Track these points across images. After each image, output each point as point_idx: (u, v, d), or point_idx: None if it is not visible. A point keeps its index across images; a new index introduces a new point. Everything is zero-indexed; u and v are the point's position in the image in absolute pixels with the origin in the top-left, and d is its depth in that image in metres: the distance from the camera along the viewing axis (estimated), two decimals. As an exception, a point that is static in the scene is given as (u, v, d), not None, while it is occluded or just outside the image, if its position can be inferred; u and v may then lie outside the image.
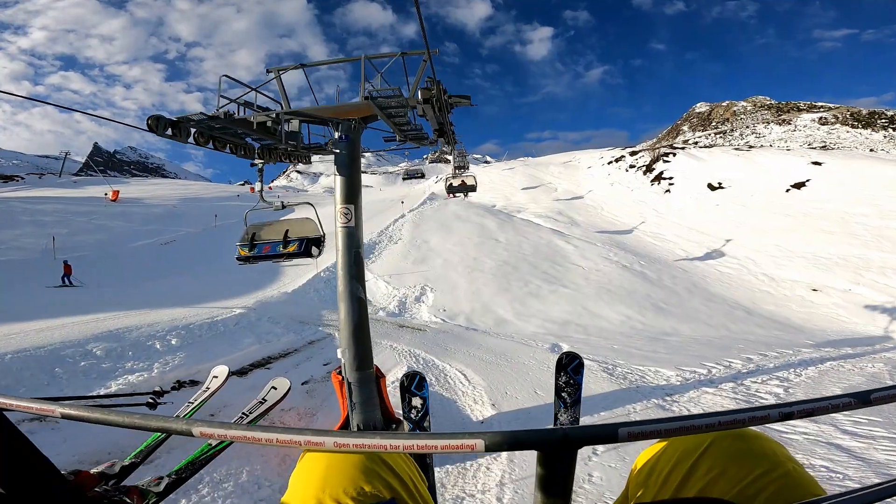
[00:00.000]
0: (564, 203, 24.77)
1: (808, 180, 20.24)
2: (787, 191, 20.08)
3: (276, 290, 12.14)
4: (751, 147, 28.15)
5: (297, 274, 13.75)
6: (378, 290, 12.37)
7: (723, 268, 16.06)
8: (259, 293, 11.74)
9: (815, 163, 21.20)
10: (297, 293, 11.50)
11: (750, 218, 18.97)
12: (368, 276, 13.14)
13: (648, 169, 26.18)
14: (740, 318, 12.23)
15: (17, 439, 0.63)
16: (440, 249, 15.28)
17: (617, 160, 29.95)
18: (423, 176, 30.89)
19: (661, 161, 25.98)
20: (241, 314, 8.90)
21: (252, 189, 51.81)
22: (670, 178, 23.89)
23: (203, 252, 18.85)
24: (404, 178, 32.05)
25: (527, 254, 15.11)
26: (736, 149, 26.48)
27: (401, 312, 11.03)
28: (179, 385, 5.65)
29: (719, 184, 21.79)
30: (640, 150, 29.97)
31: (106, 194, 28.55)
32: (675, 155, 26.05)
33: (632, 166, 27.82)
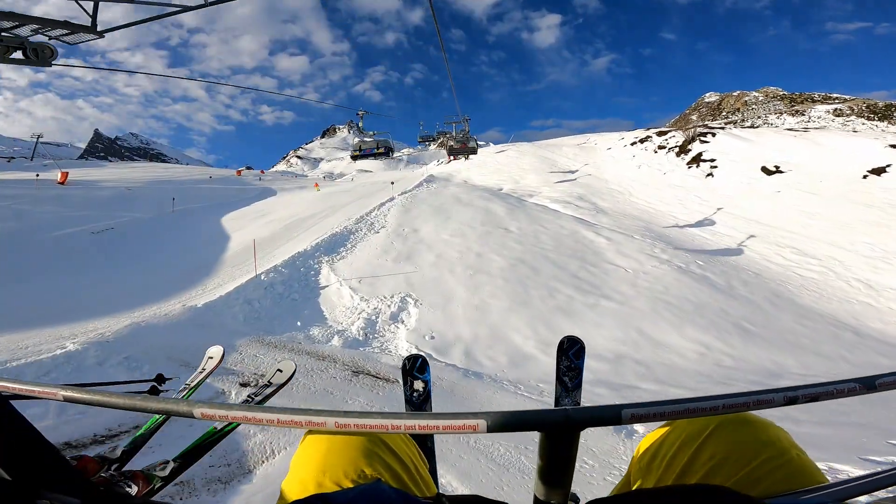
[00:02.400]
0: (584, 187, 20.94)
1: (888, 165, 16.40)
2: (865, 177, 16.25)
3: (181, 301, 8.42)
4: (806, 128, 24.21)
5: (232, 275, 10.06)
6: (339, 302, 8.64)
7: (803, 270, 12.33)
8: (153, 308, 8.05)
9: (894, 146, 17.34)
10: (212, 307, 7.75)
11: (823, 208, 15.17)
12: (329, 280, 9.42)
13: (682, 150, 22.31)
14: (851, 343, 8.76)
15: (21, 425, 0.62)
16: (433, 241, 11.53)
17: (642, 141, 26.06)
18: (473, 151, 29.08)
19: (698, 141, 22.11)
20: (71, 353, 5.15)
21: (238, 172, 48.11)
22: (712, 161, 20.03)
23: (144, 242, 15.15)
24: (450, 154, 30.05)
25: (547, 249, 11.37)
26: (789, 129, 22.61)
27: (367, 340, 7.33)
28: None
29: (776, 167, 17.94)
30: (668, 131, 26.06)
31: (38, 175, 24.85)
32: (714, 135, 22.16)
33: (661, 147, 23.94)
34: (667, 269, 10.71)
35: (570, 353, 1.49)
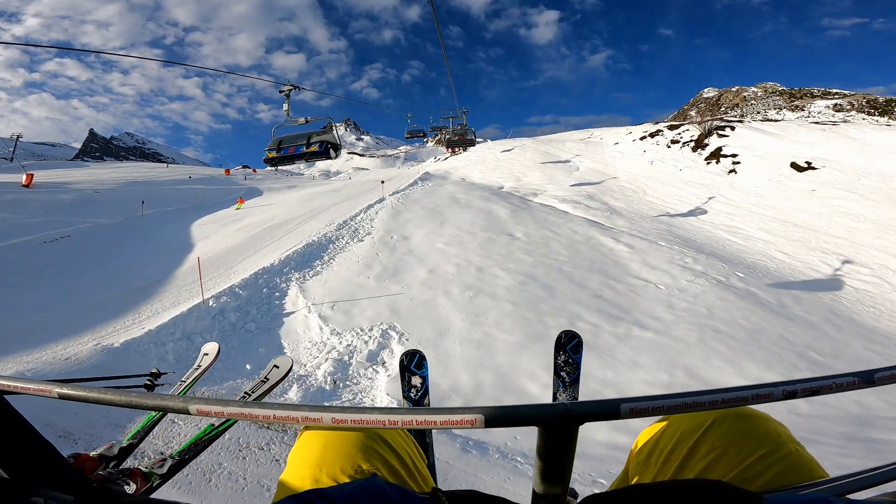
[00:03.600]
0: (593, 185, 19.15)
1: (933, 160, 14.70)
2: (910, 172, 14.53)
3: (99, 337, 6.60)
4: (835, 122, 22.51)
5: (177, 298, 8.27)
6: (305, 335, 6.85)
7: (854, 281, 10.59)
8: (60, 346, 6.24)
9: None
10: (134, 347, 5.92)
11: (867, 209, 13.41)
12: (296, 305, 7.66)
13: (699, 144, 20.53)
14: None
15: (19, 423, 0.62)
16: (425, 251, 9.76)
17: (652, 135, 24.26)
18: (471, 143, 28.96)
19: (716, 135, 20.32)
20: None
21: (227, 171, 46.24)
22: (734, 156, 18.25)
23: (99, 253, 13.36)
24: (448, 147, 30.56)
25: (561, 260, 9.60)
26: (816, 122, 20.86)
27: (335, 390, 5.56)
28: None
29: (808, 163, 16.17)
30: (681, 124, 24.25)
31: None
32: (733, 129, 20.38)
33: (675, 142, 22.15)
34: (705, 284, 8.95)
35: (568, 347, 1.45)
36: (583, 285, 8.37)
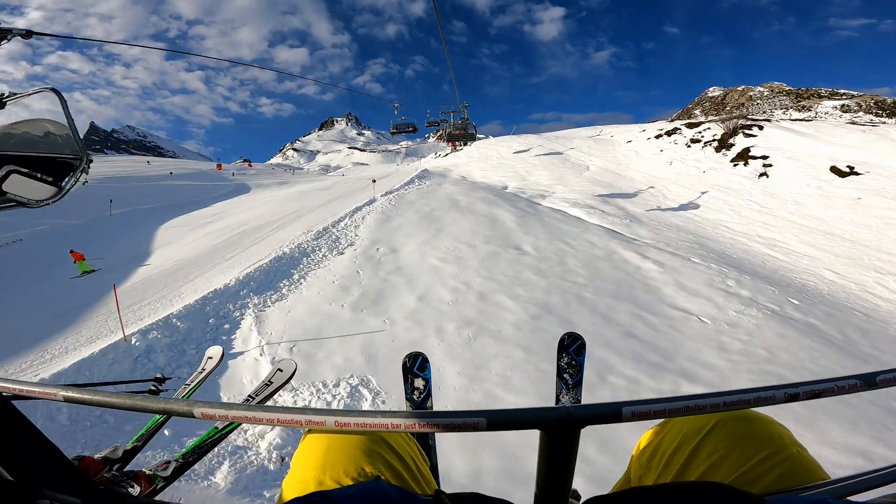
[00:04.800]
0: (607, 186, 17.44)
1: None
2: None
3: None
4: (874, 123, 20.73)
5: (94, 333, 6.62)
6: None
7: (922, 309, 8.95)
8: None
9: None
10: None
11: (925, 219, 11.74)
12: (248, 345, 6.02)
13: (723, 144, 18.80)
14: None
15: (24, 426, 0.62)
16: (416, 270, 8.10)
17: (669, 133, 22.51)
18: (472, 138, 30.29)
19: (742, 134, 18.58)
20: None
21: (219, 166, 44.56)
22: (764, 158, 16.53)
23: (51, 261, 11.71)
24: (448, 141, 31.12)
25: (580, 283, 7.93)
26: (852, 122, 19.10)
27: (283, 469, 3.96)
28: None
29: (850, 168, 14.45)
30: (700, 122, 22.51)
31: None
32: (761, 128, 18.62)
33: (695, 141, 20.42)
34: (757, 315, 7.28)
35: (571, 349, 1.45)
36: (610, 319, 6.71)
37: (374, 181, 17.50)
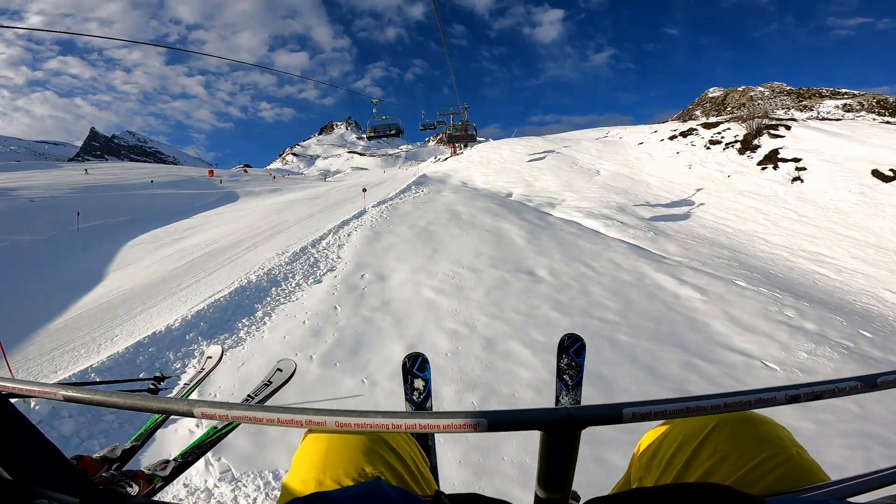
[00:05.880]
0: (622, 193, 15.91)
1: None
2: None
3: None
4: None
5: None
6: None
7: None
8: None
9: None
10: None
11: None
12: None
13: (746, 146, 17.26)
14: None
15: (22, 424, 0.61)
16: (408, 305, 6.58)
17: (685, 134, 20.98)
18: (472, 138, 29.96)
19: (767, 135, 17.04)
20: None
21: (211, 172, 43.22)
22: (796, 160, 14.97)
23: (11, 280, 10.27)
24: (448, 141, 31.14)
25: (611, 320, 6.39)
26: (888, 122, 17.62)
27: None
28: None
29: (894, 172, 12.91)
30: (718, 122, 21.01)
31: None
32: (788, 128, 17.08)
33: (714, 142, 18.88)
34: (833, 356, 5.73)
35: (571, 350, 1.45)
36: (656, 372, 5.18)
37: (364, 190, 15.97)
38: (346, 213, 12.07)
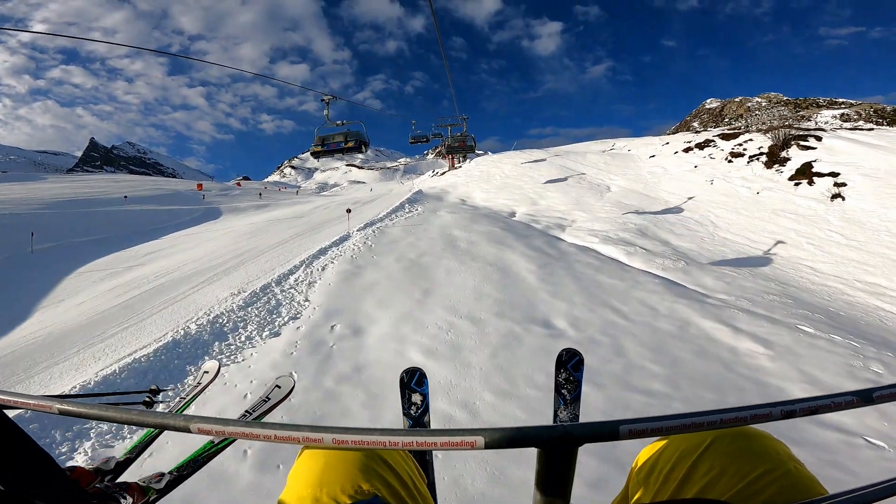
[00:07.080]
0: (635, 212, 14.33)
1: None
2: None
3: None
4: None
5: None
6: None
7: None
8: None
9: None
10: None
11: None
12: None
13: (773, 159, 15.75)
14: None
15: (17, 436, 0.61)
16: (386, 373, 4.94)
17: (701, 146, 19.50)
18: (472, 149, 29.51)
19: (796, 146, 15.54)
20: None
21: (199, 186, 41.82)
22: (833, 175, 13.43)
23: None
24: (447, 153, 31.04)
25: (657, 390, 4.73)
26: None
27: None
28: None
29: (945, 186, 11.35)
30: (737, 133, 19.51)
31: None
32: (819, 139, 15.58)
33: (736, 154, 17.38)
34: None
35: (569, 365, 1.44)
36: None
37: (348, 211, 14.32)
38: (327, 238, 10.47)
